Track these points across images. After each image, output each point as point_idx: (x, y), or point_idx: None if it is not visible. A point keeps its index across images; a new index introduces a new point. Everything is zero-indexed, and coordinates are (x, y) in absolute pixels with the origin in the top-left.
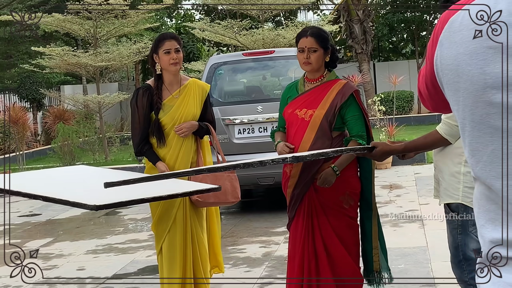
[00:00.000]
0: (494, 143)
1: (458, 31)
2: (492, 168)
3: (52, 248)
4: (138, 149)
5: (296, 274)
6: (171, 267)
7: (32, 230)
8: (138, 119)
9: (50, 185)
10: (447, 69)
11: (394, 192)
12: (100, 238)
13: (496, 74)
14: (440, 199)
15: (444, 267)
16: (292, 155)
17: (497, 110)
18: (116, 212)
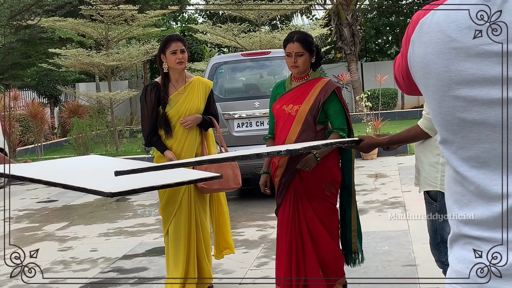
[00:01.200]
0: (461, 132)
1: (426, 32)
2: (459, 154)
3: (68, 231)
4: (147, 140)
5: (285, 254)
6: (177, 248)
7: (49, 215)
8: (147, 113)
9: (66, 173)
10: (418, 67)
11: (379, 181)
12: (111, 222)
13: (459, 71)
14: (420, 187)
15: (423, 249)
16: (286, 149)
17: (462, 104)
18: (126, 199)
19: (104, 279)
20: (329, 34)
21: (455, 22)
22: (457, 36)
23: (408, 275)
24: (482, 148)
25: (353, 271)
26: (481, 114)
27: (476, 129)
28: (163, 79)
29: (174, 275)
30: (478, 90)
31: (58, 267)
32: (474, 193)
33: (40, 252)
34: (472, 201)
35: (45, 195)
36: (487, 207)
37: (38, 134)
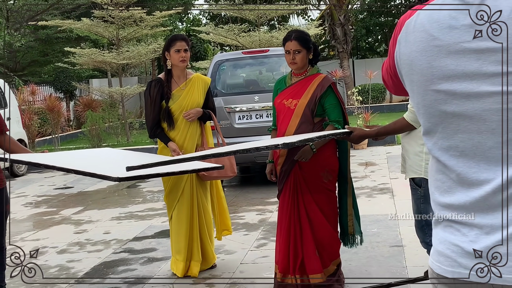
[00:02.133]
0: (442, 123)
1: (412, 32)
2: (440, 144)
3: (83, 215)
4: (151, 132)
5: (284, 236)
6: (179, 232)
7: (66, 200)
8: (151, 107)
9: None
10: (404, 64)
11: (369, 169)
12: (123, 207)
13: (440, 67)
14: (406, 174)
15: (409, 231)
16: (282, 142)
17: (443, 97)
18: (136, 186)
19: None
20: (323, 33)
21: (437, 22)
22: (438, 34)
23: (395, 255)
24: (460, 138)
25: (344, 251)
26: (460, 106)
27: (456, 120)
28: (166, 75)
29: (177, 256)
30: (458, 84)
31: (74, 248)
32: (454, 180)
33: (57, 234)
34: (452, 188)
35: (62, 182)
36: (466, 193)
37: (55, 126)
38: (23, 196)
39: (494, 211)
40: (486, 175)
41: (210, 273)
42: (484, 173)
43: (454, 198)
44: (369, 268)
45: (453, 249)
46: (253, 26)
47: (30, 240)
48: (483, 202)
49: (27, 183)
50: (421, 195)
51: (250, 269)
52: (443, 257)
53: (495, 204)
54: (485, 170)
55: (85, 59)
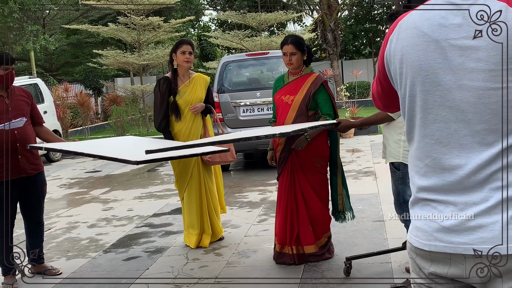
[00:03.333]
0: (422, 112)
1: (404, 30)
2: (418, 131)
3: (109, 195)
4: (159, 124)
5: (282, 213)
6: (190, 210)
7: (95, 182)
8: (160, 101)
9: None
10: (394, 58)
11: (355, 155)
12: (144, 188)
13: (428, 61)
14: (386, 159)
15: (389, 208)
16: (279, 132)
17: (427, 88)
18: (155, 170)
19: (138, 233)
20: (316, 38)
21: (428, 20)
22: (428, 31)
23: (377, 229)
24: (437, 127)
25: (334, 225)
26: (442, 97)
27: (435, 110)
28: (173, 73)
29: (191, 230)
30: (442, 77)
31: (102, 223)
32: (429, 165)
33: (87, 211)
34: (428, 173)
35: (91, 167)
36: (440, 177)
37: (85, 118)
38: (58, 179)
39: (469, 191)
40: (458, 161)
41: (218, 244)
42: (456, 159)
43: (430, 181)
44: (355, 240)
45: (430, 225)
46: (255, 32)
47: (64, 216)
48: (457, 184)
49: (61, 167)
50: (399, 177)
51: (253, 240)
52: (421, 232)
53: (468, 186)
54: (457, 156)
55: (110, 60)
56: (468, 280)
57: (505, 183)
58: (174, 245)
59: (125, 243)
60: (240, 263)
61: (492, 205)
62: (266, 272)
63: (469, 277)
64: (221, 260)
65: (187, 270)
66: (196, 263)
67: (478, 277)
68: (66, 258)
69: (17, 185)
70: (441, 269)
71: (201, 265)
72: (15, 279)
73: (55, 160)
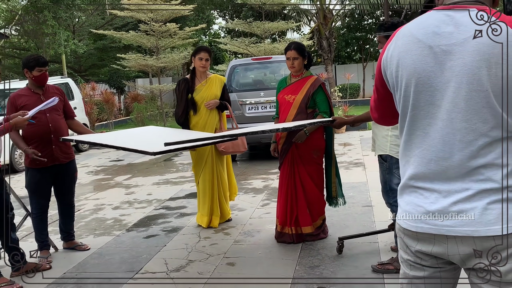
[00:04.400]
0: (414, 110)
1: (400, 38)
2: (409, 126)
3: (131, 181)
4: (179, 117)
5: (283, 198)
6: (204, 194)
7: (118, 170)
8: (180, 98)
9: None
10: (391, 63)
11: (347, 148)
12: (161, 175)
13: (422, 64)
14: (375, 152)
15: (377, 194)
16: (282, 127)
17: (420, 88)
18: (171, 159)
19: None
20: (313, 44)
21: (424, 29)
22: (423, 38)
23: (366, 213)
24: (426, 123)
25: (328, 210)
26: (432, 97)
27: (426, 108)
28: (191, 74)
29: (202, 211)
30: (433, 78)
31: (125, 205)
32: (418, 156)
33: (112, 195)
34: (416, 162)
35: (115, 156)
36: (426, 166)
37: (110, 114)
38: (86, 167)
39: (451, 181)
40: (442, 154)
41: (227, 225)
42: (440, 152)
43: (418, 170)
44: (347, 222)
45: (417, 209)
46: (260, 39)
47: (91, 199)
48: (441, 174)
49: (89, 156)
50: (386, 167)
51: (257, 222)
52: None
53: (451, 176)
54: (441, 150)
55: (132, 63)
56: (449, 258)
57: (498, 178)
58: (188, 225)
59: (145, 223)
60: (245, 241)
61: (471, 194)
62: (268, 249)
63: (450, 254)
64: (229, 239)
65: (199, 247)
66: (207, 241)
67: (459, 255)
68: (94, 236)
69: (52, 172)
70: (426, 248)
71: (211, 243)
72: (49, 254)
73: (83, 150)
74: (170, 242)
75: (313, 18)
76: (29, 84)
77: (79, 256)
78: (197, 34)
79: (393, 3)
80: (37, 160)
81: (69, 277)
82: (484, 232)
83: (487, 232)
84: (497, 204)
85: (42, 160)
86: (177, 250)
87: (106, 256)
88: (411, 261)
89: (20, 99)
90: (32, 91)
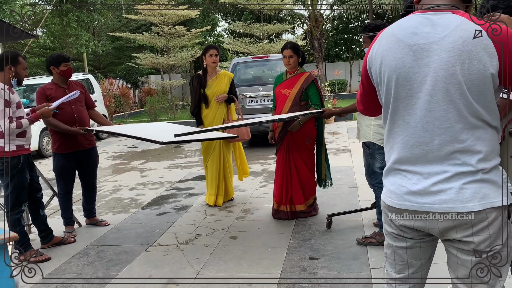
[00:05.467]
0: (396, 101)
1: (384, 38)
2: (392, 117)
3: (145, 165)
4: (192, 109)
5: (279, 180)
6: (212, 176)
7: (134, 155)
8: (194, 92)
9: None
10: (376, 61)
11: (335, 136)
12: (172, 160)
13: (402, 61)
14: (359, 139)
15: (361, 177)
16: (278, 118)
17: (401, 82)
18: (180, 146)
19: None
20: (305, 44)
21: (404, 30)
22: (403, 38)
23: (352, 193)
24: (407, 113)
25: (319, 190)
26: (411, 90)
27: (406, 100)
28: (203, 71)
29: (210, 191)
30: (412, 73)
31: (140, 186)
32: (401, 142)
33: (128, 177)
34: (399, 148)
35: (131, 144)
36: (409, 151)
37: (126, 106)
38: (106, 152)
39: (431, 164)
40: (423, 140)
41: (230, 203)
42: (421, 138)
43: (401, 155)
44: (335, 201)
45: (401, 189)
46: (258, 39)
47: (110, 181)
48: (422, 158)
49: (108, 144)
50: (369, 153)
51: (256, 200)
52: (393, 194)
53: (431, 159)
54: (421, 136)
55: (145, 61)
56: (429, 230)
57: (473, 162)
58: (195, 204)
59: (157, 202)
60: (246, 218)
61: (449, 176)
62: (266, 224)
63: (430, 228)
64: (231, 216)
65: (206, 223)
66: (212, 217)
67: (438, 229)
68: (112, 213)
69: (76, 157)
70: (409, 222)
71: (216, 219)
72: (73, 229)
73: (103, 138)
74: (180, 219)
75: (305, 21)
76: (55, 79)
77: (100, 231)
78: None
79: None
80: (76, 136)
81: (92, 249)
82: (460, 208)
83: (462, 209)
84: (471, 184)
85: (84, 133)
86: (186, 225)
87: (123, 231)
88: (394, 233)
89: (48, 92)
90: (58, 85)
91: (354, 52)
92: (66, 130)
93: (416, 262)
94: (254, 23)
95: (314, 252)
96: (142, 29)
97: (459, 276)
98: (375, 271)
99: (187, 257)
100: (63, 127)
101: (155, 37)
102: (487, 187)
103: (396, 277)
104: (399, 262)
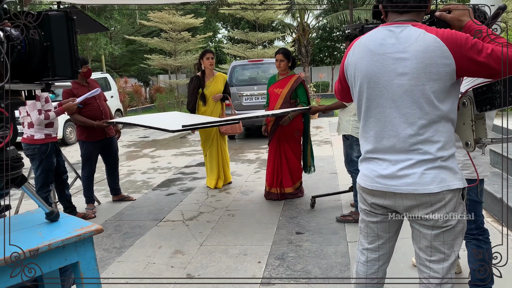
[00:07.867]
0: (368, 102)
1: (356, 48)
2: (364, 114)
3: (155, 153)
4: (190, 107)
5: (270, 166)
6: (211, 163)
7: (145, 144)
8: (191, 92)
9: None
10: (350, 67)
11: (319, 130)
12: (178, 149)
13: (372, 68)
14: (339, 132)
15: (341, 165)
16: (271, 113)
17: (372, 85)
18: (185, 137)
19: None
20: (294, 50)
21: (374, 41)
22: (373, 48)
23: (332, 178)
24: (377, 111)
25: (304, 175)
26: (380, 91)
27: (377, 100)
28: (202, 73)
29: (211, 176)
30: (381, 78)
31: (150, 171)
32: (373, 136)
33: (140, 163)
34: (372, 140)
35: (143, 134)
36: (380, 143)
37: (138, 101)
38: (120, 141)
39: (398, 153)
40: (392, 133)
41: (228, 186)
42: (389, 132)
43: (374, 146)
44: (318, 185)
45: (373, 173)
46: (254, 45)
47: (125, 166)
48: (391, 148)
49: (123, 134)
50: (348, 144)
51: (251, 184)
52: (367, 177)
53: (398, 149)
54: (390, 130)
55: (155, 62)
56: (396, 208)
57: (433, 151)
58: (198, 186)
59: (166, 184)
60: (242, 198)
61: (413, 163)
62: (259, 204)
63: (397, 206)
64: (230, 196)
65: (208, 202)
66: (213, 198)
67: (403, 207)
68: (127, 194)
69: (102, 143)
70: (379, 201)
71: (217, 200)
72: (94, 206)
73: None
74: (185, 199)
75: (294, 30)
76: (77, 79)
77: (117, 207)
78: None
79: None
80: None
81: (110, 223)
82: (422, 190)
83: (424, 191)
84: (431, 170)
85: (107, 125)
86: (191, 204)
87: (137, 208)
88: (367, 210)
89: (74, 91)
90: (80, 84)
91: (335, 58)
92: (91, 124)
93: (385, 235)
94: (250, 31)
95: (300, 227)
96: (153, 35)
97: (421, 247)
98: (351, 244)
99: (192, 231)
100: (89, 123)
101: (164, 42)
102: (444, 173)
103: (368, 247)
104: (371, 234)
